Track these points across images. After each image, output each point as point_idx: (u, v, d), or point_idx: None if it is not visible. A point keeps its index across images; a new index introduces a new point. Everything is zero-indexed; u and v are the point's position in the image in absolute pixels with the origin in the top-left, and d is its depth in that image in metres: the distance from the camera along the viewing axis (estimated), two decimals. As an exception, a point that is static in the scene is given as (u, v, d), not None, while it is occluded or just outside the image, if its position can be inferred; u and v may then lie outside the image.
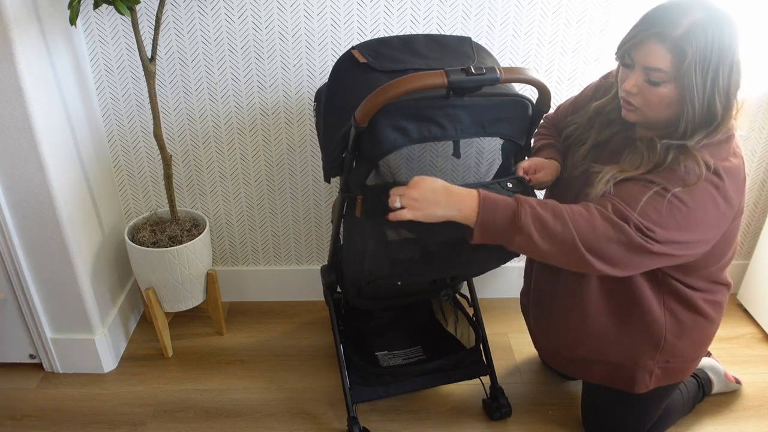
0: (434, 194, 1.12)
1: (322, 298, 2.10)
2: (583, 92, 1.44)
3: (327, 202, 1.93)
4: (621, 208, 1.10)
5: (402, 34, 1.64)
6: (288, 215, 1.95)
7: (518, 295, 2.04)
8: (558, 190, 1.37)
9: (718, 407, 1.66)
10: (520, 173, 1.29)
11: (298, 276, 2.07)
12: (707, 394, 1.64)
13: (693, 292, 1.30)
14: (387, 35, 1.64)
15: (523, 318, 1.64)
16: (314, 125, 1.78)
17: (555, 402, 1.70)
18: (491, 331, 1.84)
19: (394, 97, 1.07)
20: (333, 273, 1.65)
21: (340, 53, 1.66)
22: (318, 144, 1.81)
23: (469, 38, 1.34)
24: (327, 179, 1.33)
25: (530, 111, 1.22)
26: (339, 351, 1.59)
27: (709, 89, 1.07)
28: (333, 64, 1.67)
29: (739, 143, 1.19)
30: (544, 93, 1.19)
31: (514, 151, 1.29)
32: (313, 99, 1.73)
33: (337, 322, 1.65)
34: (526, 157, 1.33)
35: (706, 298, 1.32)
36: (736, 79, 1.09)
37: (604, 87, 1.35)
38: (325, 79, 1.70)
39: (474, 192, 1.12)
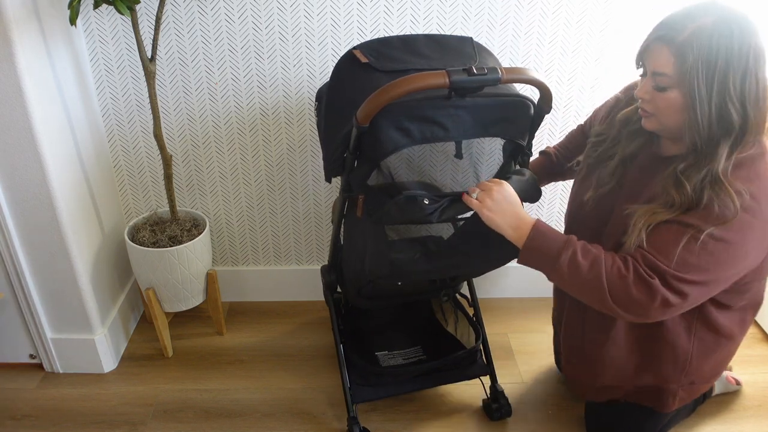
0: (508, 206, 1.17)
1: (322, 298, 2.10)
2: (604, 104, 1.42)
3: (327, 202, 1.93)
4: (655, 261, 1.10)
5: (402, 34, 1.64)
6: (288, 215, 1.95)
7: (518, 295, 2.06)
8: (584, 212, 1.34)
9: (718, 407, 1.66)
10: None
11: (298, 276, 2.07)
12: (708, 396, 1.64)
13: (726, 313, 1.27)
14: (387, 35, 1.64)
15: (523, 318, 1.63)
16: (314, 125, 1.78)
17: (555, 402, 1.70)
18: (491, 331, 1.84)
19: (396, 97, 1.07)
20: (333, 273, 1.65)
21: (340, 53, 1.66)
22: (318, 144, 1.81)
23: (470, 38, 1.33)
24: (328, 179, 1.33)
25: (532, 111, 1.22)
26: (339, 351, 1.59)
27: (717, 96, 1.04)
28: (333, 64, 1.68)
29: None
30: (545, 93, 1.19)
31: (515, 152, 1.29)
32: (313, 99, 1.73)
33: (337, 322, 1.65)
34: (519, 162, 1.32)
35: (736, 317, 1.30)
36: (753, 87, 1.04)
37: (626, 99, 1.33)
38: (326, 79, 1.70)
39: (530, 222, 1.17)
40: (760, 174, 1.10)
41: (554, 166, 1.58)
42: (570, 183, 1.89)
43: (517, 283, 2.06)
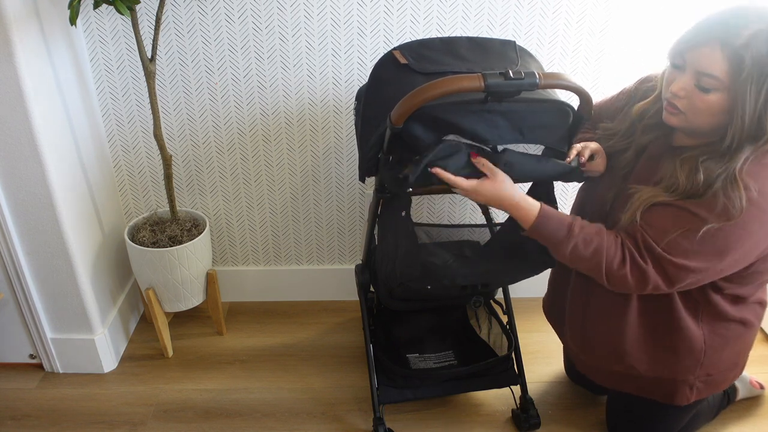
0: (499, 203, 1.17)
1: (322, 299, 2.11)
2: (616, 97, 1.40)
3: (327, 202, 1.93)
4: (650, 242, 1.12)
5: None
6: (288, 215, 1.95)
7: (523, 295, 2.05)
8: (605, 211, 1.32)
9: (740, 412, 1.65)
10: (575, 153, 1.25)
11: (298, 276, 2.07)
12: (732, 402, 1.62)
13: (736, 303, 1.26)
14: (386, 35, 1.65)
15: (524, 318, 1.61)
16: (315, 126, 1.78)
17: (555, 401, 1.70)
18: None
19: (430, 99, 1.05)
20: (367, 272, 1.65)
21: (341, 53, 1.67)
22: (318, 144, 1.81)
23: (513, 42, 1.30)
24: (362, 178, 1.32)
25: (571, 118, 1.19)
26: (368, 350, 1.58)
27: (762, 104, 1.03)
28: (333, 64, 1.68)
29: None
30: (585, 99, 1.15)
31: (556, 158, 1.25)
32: (311, 99, 1.73)
33: (368, 322, 1.63)
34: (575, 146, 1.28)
35: (750, 304, 1.28)
36: None
37: (642, 91, 1.31)
38: (325, 80, 1.71)
39: (535, 211, 1.17)
40: None
41: None
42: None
43: (517, 282, 2.05)
